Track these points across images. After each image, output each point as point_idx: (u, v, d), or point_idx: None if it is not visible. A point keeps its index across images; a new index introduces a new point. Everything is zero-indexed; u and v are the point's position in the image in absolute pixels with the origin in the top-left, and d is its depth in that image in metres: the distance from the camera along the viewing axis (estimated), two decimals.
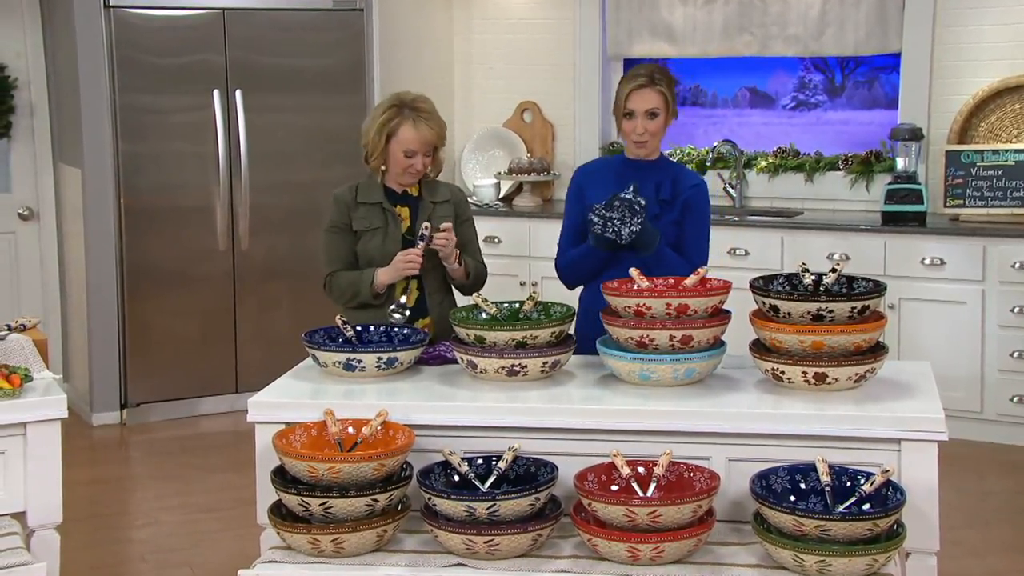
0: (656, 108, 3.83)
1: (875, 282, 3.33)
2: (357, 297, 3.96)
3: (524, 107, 7.50)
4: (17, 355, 3.62)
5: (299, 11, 6.89)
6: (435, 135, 3.98)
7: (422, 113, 3.97)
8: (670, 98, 3.87)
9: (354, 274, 3.98)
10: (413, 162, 3.96)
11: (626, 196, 3.69)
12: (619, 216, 3.68)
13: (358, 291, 3.95)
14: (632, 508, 2.86)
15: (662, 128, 3.88)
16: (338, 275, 4.01)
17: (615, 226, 3.69)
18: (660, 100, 3.83)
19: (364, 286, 3.94)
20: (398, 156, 3.97)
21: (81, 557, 4.62)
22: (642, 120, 3.83)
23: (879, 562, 2.82)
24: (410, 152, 3.95)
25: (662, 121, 3.86)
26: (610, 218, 3.69)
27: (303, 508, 3.02)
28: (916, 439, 3.06)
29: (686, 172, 3.99)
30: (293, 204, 6.81)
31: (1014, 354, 5.93)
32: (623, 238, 3.69)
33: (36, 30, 6.89)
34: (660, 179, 3.89)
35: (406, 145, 3.95)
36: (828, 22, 6.77)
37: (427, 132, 3.96)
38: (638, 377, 3.33)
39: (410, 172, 3.99)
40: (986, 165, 6.19)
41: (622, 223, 3.68)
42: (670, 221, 3.86)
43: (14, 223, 6.97)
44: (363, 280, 3.95)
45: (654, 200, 3.84)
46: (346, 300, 4.00)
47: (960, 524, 4.96)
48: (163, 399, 6.69)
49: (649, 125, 3.84)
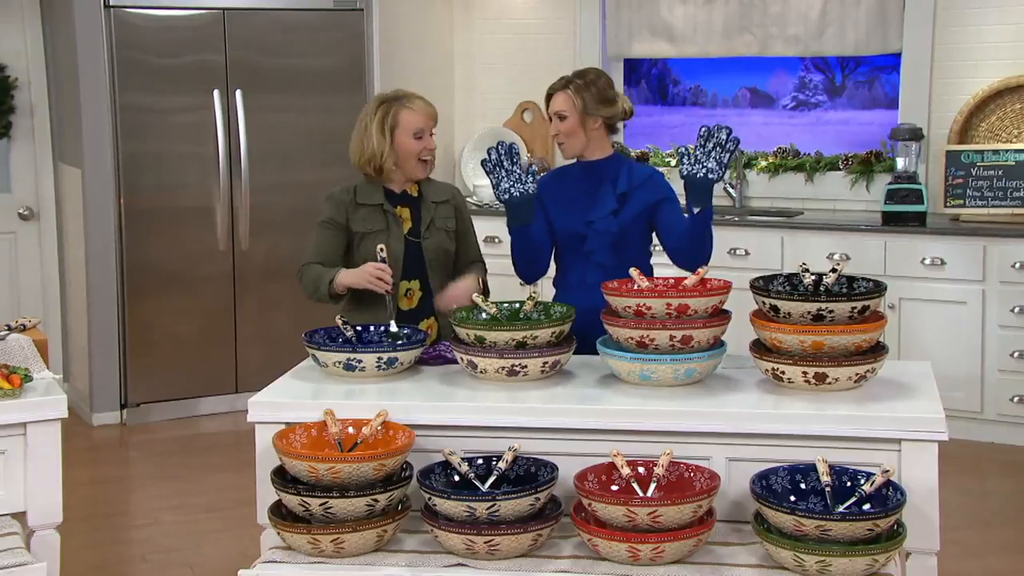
0: (562, 111, 3.94)
1: (875, 282, 3.33)
2: (316, 293, 3.91)
3: (524, 107, 7.50)
4: (17, 355, 3.62)
5: (299, 11, 6.89)
6: (434, 110, 4.00)
7: (410, 96, 4.01)
8: (580, 100, 3.92)
9: (321, 269, 3.92)
10: (425, 142, 3.96)
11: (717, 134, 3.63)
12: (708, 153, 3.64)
13: (318, 287, 3.89)
14: (632, 508, 2.86)
15: (573, 129, 3.94)
16: (308, 268, 3.96)
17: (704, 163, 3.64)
18: (566, 102, 3.93)
19: (324, 283, 3.87)
20: (408, 144, 3.95)
21: (81, 557, 4.62)
22: (554, 121, 3.98)
23: (879, 562, 2.82)
24: (419, 132, 3.95)
25: (570, 123, 3.94)
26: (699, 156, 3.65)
27: (303, 508, 3.02)
28: (916, 439, 3.06)
29: (639, 167, 4.08)
30: (293, 204, 6.81)
31: (1014, 354, 5.93)
32: (713, 172, 3.63)
33: (36, 30, 6.89)
34: (615, 176, 3.97)
35: (413, 127, 3.94)
36: (828, 22, 6.78)
37: (425, 106, 3.98)
38: (638, 377, 3.33)
39: (425, 155, 3.97)
40: (986, 165, 6.20)
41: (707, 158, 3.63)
42: (631, 215, 3.93)
43: (14, 223, 6.97)
44: (324, 277, 3.88)
45: (612, 195, 3.94)
46: (308, 294, 3.96)
47: (960, 524, 4.96)
48: (163, 399, 6.69)
49: (560, 126, 3.96)
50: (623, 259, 3.85)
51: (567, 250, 4.01)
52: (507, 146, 3.74)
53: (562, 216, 3.99)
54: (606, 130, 4.01)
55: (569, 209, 3.98)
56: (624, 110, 4.02)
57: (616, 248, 3.93)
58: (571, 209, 3.98)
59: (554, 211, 4.00)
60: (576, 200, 3.98)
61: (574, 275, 3.99)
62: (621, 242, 3.94)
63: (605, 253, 3.93)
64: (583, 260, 3.96)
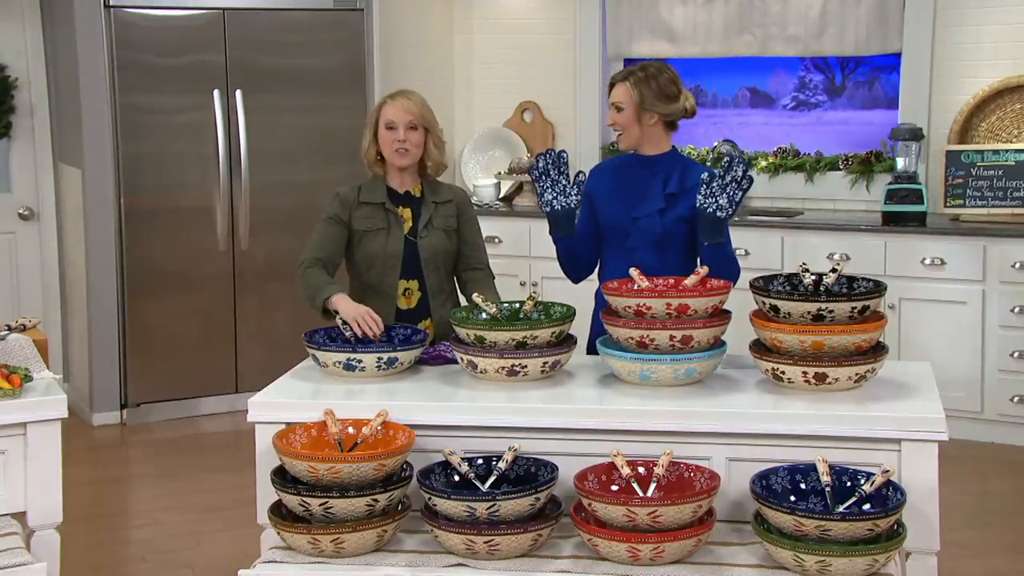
0: (620, 102, 3.88)
1: (875, 282, 3.33)
2: (311, 302, 3.90)
3: (524, 107, 7.50)
4: (17, 355, 3.62)
5: (299, 11, 6.89)
6: (415, 107, 4.01)
7: (401, 93, 4.07)
8: (638, 93, 3.85)
9: (322, 279, 3.91)
10: (395, 134, 3.98)
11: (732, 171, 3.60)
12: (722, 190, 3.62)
13: (314, 296, 3.88)
14: (632, 508, 2.86)
15: (630, 121, 3.87)
16: (310, 271, 3.95)
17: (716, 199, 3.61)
18: (624, 94, 3.87)
19: (320, 297, 3.86)
20: (383, 135, 4.00)
21: (81, 557, 4.62)
22: (612, 113, 3.93)
23: (879, 562, 2.82)
24: (391, 124, 3.99)
25: (628, 115, 3.87)
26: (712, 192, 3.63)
27: (303, 508, 3.02)
28: (916, 439, 3.06)
29: (694, 168, 3.93)
30: (293, 204, 6.81)
31: (1014, 354, 5.93)
32: (723, 208, 3.61)
33: (36, 30, 6.89)
34: (668, 173, 3.88)
35: (387, 118, 4.00)
36: (828, 22, 6.77)
37: (405, 103, 4.01)
38: (638, 377, 3.33)
39: (396, 147, 3.98)
40: (986, 165, 6.19)
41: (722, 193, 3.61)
42: (676, 217, 3.83)
43: (14, 223, 6.96)
44: (323, 292, 3.86)
45: (660, 194, 3.85)
46: (303, 298, 3.96)
47: (960, 524, 4.96)
48: (163, 399, 6.69)
49: (617, 117, 3.90)
50: (666, 261, 3.79)
51: (611, 244, 3.91)
52: (555, 155, 3.71)
53: (609, 208, 3.90)
54: (664, 126, 3.90)
55: (617, 202, 3.89)
56: (685, 108, 3.90)
57: (659, 249, 3.83)
58: (619, 202, 3.89)
59: (602, 202, 3.92)
60: (625, 193, 3.89)
61: (617, 271, 3.78)
62: (664, 243, 3.83)
63: (648, 253, 3.82)
64: (626, 257, 3.82)
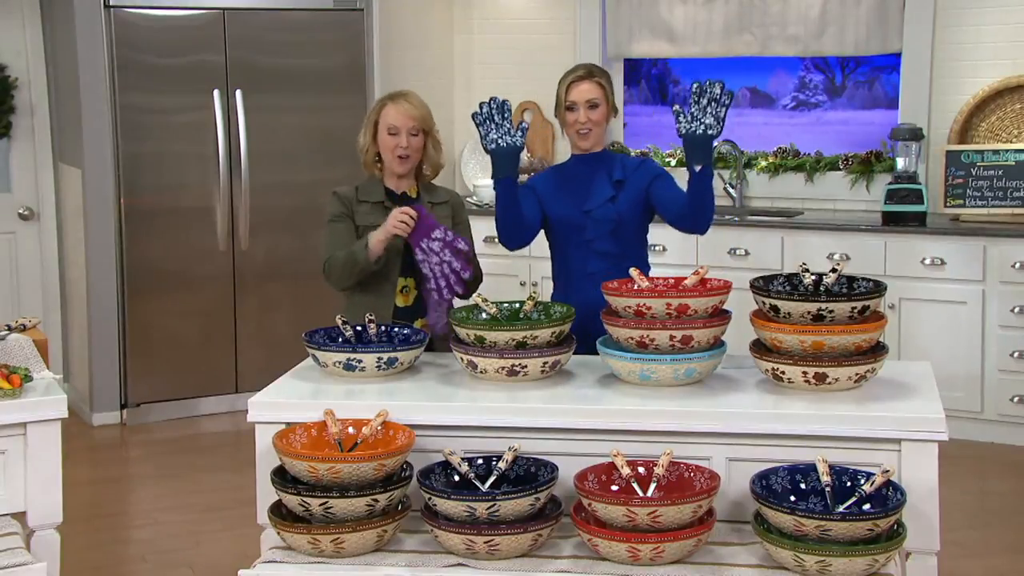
0: (595, 99, 3.96)
1: (875, 282, 3.33)
2: (356, 266, 3.90)
3: (524, 107, 7.50)
4: (17, 355, 3.62)
5: (299, 11, 6.89)
6: (417, 112, 4.02)
7: (402, 95, 4.07)
8: (609, 92, 4.02)
9: (346, 250, 3.95)
10: (398, 140, 3.98)
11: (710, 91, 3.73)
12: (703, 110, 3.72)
13: (355, 259, 3.89)
14: (632, 508, 2.86)
15: (603, 119, 4.00)
16: (334, 256, 3.98)
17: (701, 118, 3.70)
18: (599, 91, 3.97)
19: (360, 254, 3.89)
20: (385, 139, 4.01)
21: (81, 557, 4.62)
22: (584, 110, 3.96)
23: (879, 562, 2.82)
24: (393, 129, 3.99)
25: (603, 112, 3.99)
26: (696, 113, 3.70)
27: (303, 508, 3.02)
28: (916, 439, 3.06)
29: (630, 158, 4.15)
30: (293, 204, 6.81)
31: (1014, 354, 5.93)
32: (710, 127, 3.70)
33: (36, 30, 6.89)
34: (610, 167, 4.02)
35: (388, 122, 4.00)
36: (828, 22, 6.78)
37: (407, 107, 4.01)
38: (638, 377, 3.33)
39: (399, 152, 3.99)
40: (986, 165, 6.19)
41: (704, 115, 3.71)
42: (628, 201, 3.97)
43: (14, 223, 6.97)
44: (357, 250, 3.90)
45: (608, 183, 3.97)
46: (346, 277, 3.95)
47: (960, 524, 4.96)
48: (163, 399, 6.69)
49: (591, 115, 3.96)
50: (623, 246, 3.96)
51: (567, 241, 4.03)
52: (499, 101, 3.77)
53: (558, 205, 4.01)
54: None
55: (566, 200, 4.01)
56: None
57: (616, 235, 3.98)
58: (568, 200, 4.01)
59: (550, 202, 4.02)
60: (572, 191, 4.02)
61: (575, 264, 4.01)
62: (620, 229, 3.98)
63: (605, 241, 3.97)
64: (584, 249, 3.99)
